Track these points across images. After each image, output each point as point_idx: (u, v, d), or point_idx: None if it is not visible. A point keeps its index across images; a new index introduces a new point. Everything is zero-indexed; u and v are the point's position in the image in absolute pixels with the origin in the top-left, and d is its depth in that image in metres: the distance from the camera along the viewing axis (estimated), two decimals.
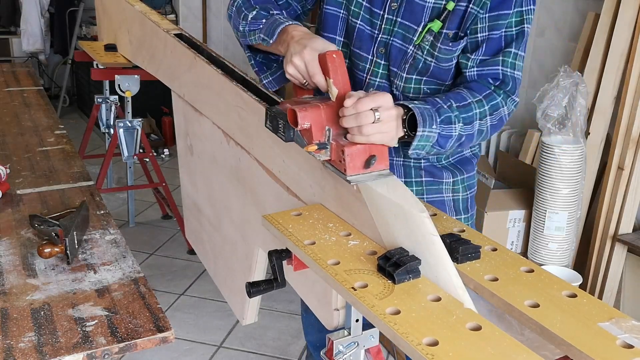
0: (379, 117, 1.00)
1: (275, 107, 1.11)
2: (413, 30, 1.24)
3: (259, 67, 1.38)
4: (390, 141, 1.05)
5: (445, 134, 1.16)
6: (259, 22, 1.25)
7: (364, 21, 1.28)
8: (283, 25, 1.19)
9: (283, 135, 1.07)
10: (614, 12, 2.37)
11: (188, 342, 2.56)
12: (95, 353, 0.98)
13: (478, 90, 1.23)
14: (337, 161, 1.01)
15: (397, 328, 0.78)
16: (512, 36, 1.23)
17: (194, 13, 5.23)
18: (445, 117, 1.16)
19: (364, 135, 1.00)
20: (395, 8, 1.25)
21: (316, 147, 1.01)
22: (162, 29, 1.78)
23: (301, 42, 1.11)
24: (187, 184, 1.80)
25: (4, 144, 1.95)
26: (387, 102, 1.04)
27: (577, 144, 2.25)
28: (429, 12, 1.23)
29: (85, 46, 3.16)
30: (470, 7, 1.21)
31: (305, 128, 1.02)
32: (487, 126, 1.23)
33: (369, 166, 1.00)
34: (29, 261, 1.25)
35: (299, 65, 1.10)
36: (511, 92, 1.25)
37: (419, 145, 1.13)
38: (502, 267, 0.96)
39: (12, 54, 5.83)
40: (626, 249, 2.34)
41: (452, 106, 1.17)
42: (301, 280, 1.16)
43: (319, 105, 1.03)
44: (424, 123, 1.11)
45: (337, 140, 1.01)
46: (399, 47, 1.27)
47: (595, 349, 0.77)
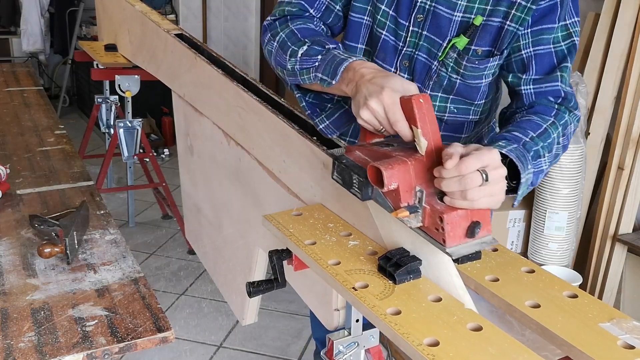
0: (487, 179, 0.84)
1: (344, 158, 0.95)
2: (438, 44, 1.18)
3: (311, 109, 1.24)
4: (496, 205, 0.87)
5: (537, 170, 1.05)
6: (312, 59, 1.11)
7: (389, 31, 1.21)
8: (347, 62, 1.04)
9: (359, 193, 0.92)
10: (614, 12, 2.37)
11: (188, 342, 2.56)
12: (95, 353, 0.98)
13: (545, 112, 1.14)
14: (433, 229, 0.85)
15: (398, 328, 0.78)
16: (563, 51, 1.16)
17: (194, 13, 5.23)
18: (534, 152, 1.05)
19: (468, 200, 0.83)
20: (421, 20, 1.17)
21: (407, 213, 0.85)
22: (162, 29, 1.78)
23: (376, 82, 0.96)
24: (187, 184, 1.80)
25: (4, 144, 1.95)
26: (495, 160, 0.87)
27: (577, 144, 2.25)
28: (455, 26, 1.16)
29: (85, 46, 3.16)
30: (507, 24, 1.13)
31: (392, 189, 0.86)
32: (561, 147, 1.14)
33: (474, 235, 0.84)
34: (29, 261, 1.25)
35: (377, 110, 0.94)
36: (574, 107, 1.17)
37: (522, 193, 1.01)
38: (503, 268, 0.96)
39: (12, 54, 5.84)
40: (626, 249, 2.34)
41: (534, 137, 1.07)
42: (301, 281, 1.16)
43: (407, 161, 0.86)
44: (524, 167, 0.98)
45: (432, 204, 0.85)
46: (423, 61, 1.20)
47: (596, 350, 0.77)
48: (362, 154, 0.94)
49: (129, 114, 3.14)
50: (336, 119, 1.22)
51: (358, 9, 1.23)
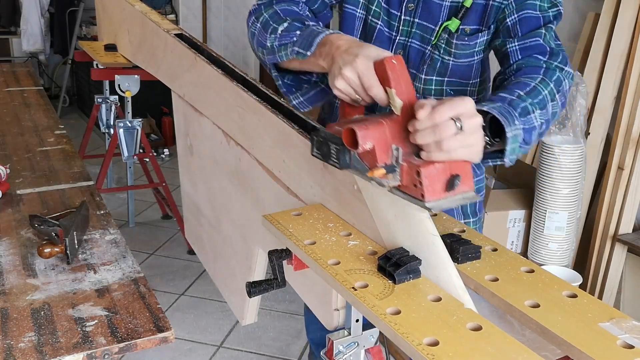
0: (462, 128, 0.82)
1: (322, 131, 0.96)
2: (431, 30, 1.22)
3: (287, 89, 1.23)
4: (476, 156, 0.85)
5: (528, 126, 1.01)
6: (291, 34, 1.09)
7: (383, 22, 1.25)
8: (323, 34, 1.03)
9: (337, 162, 0.91)
10: (614, 13, 2.37)
11: (188, 342, 2.56)
12: (95, 353, 0.98)
13: (534, 72, 1.11)
14: (411, 186, 0.83)
15: (398, 328, 0.78)
16: (548, 17, 1.18)
17: (194, 13, 5.23)
18: (522, 108, 1.01)
19: (444, 151, 0.81)
20: (412, 9, 1.22)
21: (384, 172, 0.84)
22: (162, 29, 1.78)
23: (351, 51, 0.95)
24: (187, 184, 1.80)
25: (4, 144, 1.95)
26: (469, 109, 0.84)
27: (577, 144, 2.25)
28: (446, 10, 1.20)
29: (85, 46, 3.16)
30: (491, 1, 1.18)
31: (367, 149, 0.84)
32: (559, 105, 1.11)
33: (453, 188, 0.82)
34: (29, 261, 1.25)
35: (351, 77, 0.93)
36: (563, 63, 1.14)
37: (512, 149, 0.97)
38: (503, 268, 0.96)
39: (12, 54, 5.84)
40: (626, 249, 2.34)
41: (521, 95, 1.04)
42: (301, 280, 1.16)
43: (381, 120, 0.86)
44: (508, 122, 0.95)
45: (409, 160, 0.83)
46: (417, 48, 1.24)
47: (596, 349, 0.77)
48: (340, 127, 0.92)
49: (129, 114, 3.15)
50: (311, 96, 1.21)
51: (352, 1, 1.27)
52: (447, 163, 0.82)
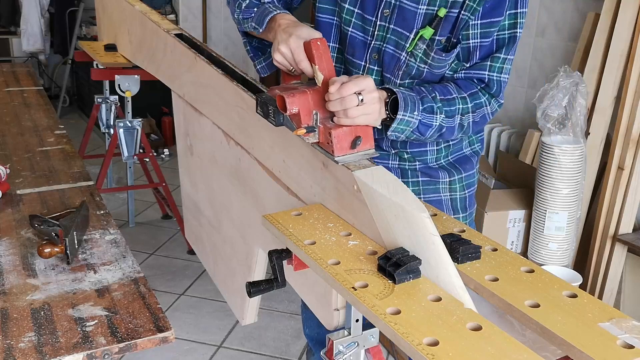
0: (363, 100, 1.05)
1: (265, 94, 1.16)
2: (405, 36, 1.25)
3: (254, 53, 1.42)
4: (374, 122, 1.10)
5: (426, 122, 1.20)
6: (250, 10, 1.29)
7: (356, 28, 1.30)
8: (272, 14, 1.23)
9: (273, 121, 1.12)
10: (614, 12, 2.37)
11: (188, 342, 2.56)
12: (95, 353, 0.98)
13: (464, 88, 1.26)
14: (325, 143, 1.06)
15: (398, 328, 0.78)
16: (503, 40, 1.25)
17: (194, 13, 5.23)
18: (428, 106, 1.20)
19: (349, 118, 1.05)
20: (387, 14, 1.26)
21: (305, 131, 1.06)
22: (162, 29, 1.78)
23: (287, 31, 1.15)
24: (187, 184, 1.80)
25: (4, 144, 1.95)
26: (370, 85, 1.08)
27: (577, 144, 2.25)
28: (420, 18, 1.23)
29: (85, 46, 3.15)
30: (462, 13, 1.22)
31: (294, 113, 1.07)
32: (469, 122, 1.26)
33: (355, 146, 1.05)
34: (29, 261, 1.25)
35: (286, 52, 1.14)
36: (496, 94, 1.28)
37: (398, 128, 1.18)
38: (503, 267, 0.96)
39: (12, 54, 5.83)
40: (626, 249, 2.34)
41: (436, 97, 1.21)
42: (301, 280, 1.16)
43: (306, 90, 1.08)
44: (406, 108, 1.16)
45: (325, 124, 1.06)
46: (391, 53, 1.27)
47: (596, 349, 0.77)
48: (279, 91, 1.10)
49: (129, 114, 3.14)
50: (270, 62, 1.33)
51: (324, 10, 1.33)
52: (352, 127, 1.06)
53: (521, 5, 1.23)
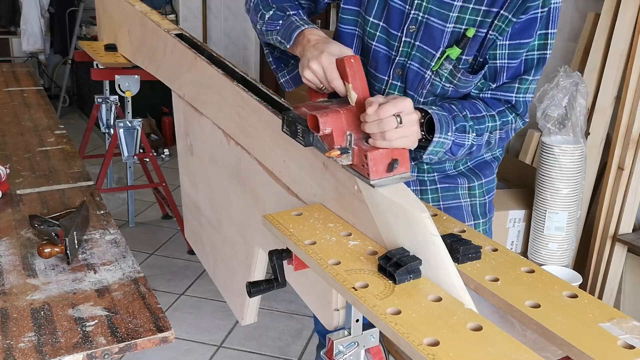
0: (402, 122, 1.00)
1: (291, 112, 1.11)
2: (431, 55, 1.22)
3: (277, 64, 1.38)
4: (412, 145, 1.05)
5: (458, 142, 1.17)
6: (275, 23, 1.24)
7: (380, 42, 1.25)
8: (300, 29, 1.18)
9: (302, 140, 1.06)
10: (614, 12, 2.37)
11: (188, 342, 2.56)
12: (95, 353, 0.98)
13: (492, 106, 1.24)
14: (360, 165, 1.01)
15: (398, 328, 0.78)
16: (532, 61, 1.22)
17: (194, 13, 5.23)
18: (460, 125, 1.16)
19: (386, 140, 0.99)
20: (413, 31, 1.21)
21: (338, 152, 1.01)
22: (162, 29, 1.78)
23: (318, 47, 1.11)
24: (187, 184, 1.80)
25: (4, 144, 1.95)
26: (408, 107, 1.03)
27: (577, 144, 2.25)
28: (447, 37, 1.20)
29: (85, 46, 3.15)
30: (490, 33, 1.18)
31: (327, 133, 1.01)
32: (496, 139, 1.24)
33: (392, 170, 1.00)
34: (29, 261, 1.25)
35: (317, 70, 1.10)
36: (522, 114, 1.26)
37: (434, 151, 1.14)
38: (503, 268, 0.96)
39: (12, 54, 5.83)
40: (626, 249, 2.34)
41: (467, 116, 1.18)
42: (301, 281, 1.16)
43: (339, 110, 1.03)
44: (441, 129, 1.12)
45: (359, 145, 1.01)
46: (416, 70, 1.24)
47: (596, 350, 0.77)
48: (307, 109, 1.07)
49: (129, 114, 3.14)
50: (295, 74, 1.33)
51: (347, 21, 1.29)
52: (388, 149, 1.00)
53: (552, 25, 1.19)
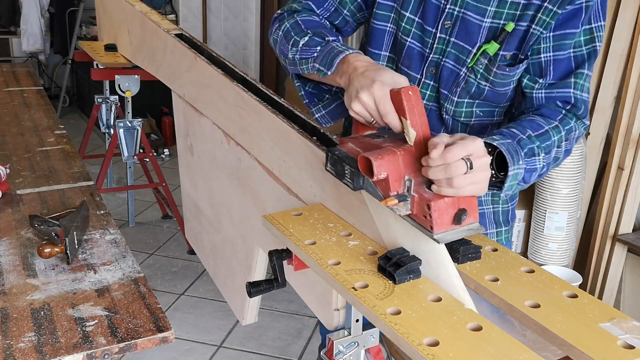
0: (472, 167, 0.86)
1: (337, 149, 0.98)
2: (467, 51, 1.15)
3: (309, 99, 1.25)
4: (482, 192, 0.90)
5: (530, 167, 1.05)
6: (312, 49, 1.12)
7: (415, 38, 1.18)
8: (343, 54, 1.05)
9: (350, 183, 0.93)
10: (613, 12, 2.37)
11: (188, 342, 2.56)
12: (95, 353, 0.98)
13: (551, 116, 1.13)
14: (421, 216, 0.87)
15: (398, 328, 0.78)
16: (582, 56, 1.14)
17: (194, 13, 5.23)
18: (529, 149, 1.05)
19: (454, 188, 0.85)
20: (449, 27, 1.15)
21: (396, 201, 0.87)
22: (162, 29, 1.78)
23: (367, 75, 0.98)
24: (187, 184, 1.80)
25: (4, 144, 1.95)
26: (479, 149, 0.89)
27: (577, 144, 2.25)
28: (485, 32, 1.13)
29: (85, 46, 3.16)
30: (533, 27, 1.11)
31: (382, 179, 0.88)
32: (562, 152, 1.14)
33: (460, 222, 0.86)
34: (29, 261, 1.25)
35: (368, 103, 0.96)
36: (583, 115, 1.16)
37: (510, 186, 1.00)
38: (503, 268, 0.96)
39: (12, 54, 5.84)
40: (626, 249, 2.34)
41: (531, 136, 1.07)
42: (301, 281, 1.16)
43: (396, 151, 0.88)
44: (513, 161, 0.99)
45: (420, 192, 0.87)
46: (451, 68, 1.17)
47: (596, 350, 0.77)
48: (354, 146, 0.95)
49: (129, 114, 3.15)
50: (332, 109, 1.21)
51: (381, 17, 1.21)
52: (455, 197, 0.86)
53: (596, 19, 1.13)
